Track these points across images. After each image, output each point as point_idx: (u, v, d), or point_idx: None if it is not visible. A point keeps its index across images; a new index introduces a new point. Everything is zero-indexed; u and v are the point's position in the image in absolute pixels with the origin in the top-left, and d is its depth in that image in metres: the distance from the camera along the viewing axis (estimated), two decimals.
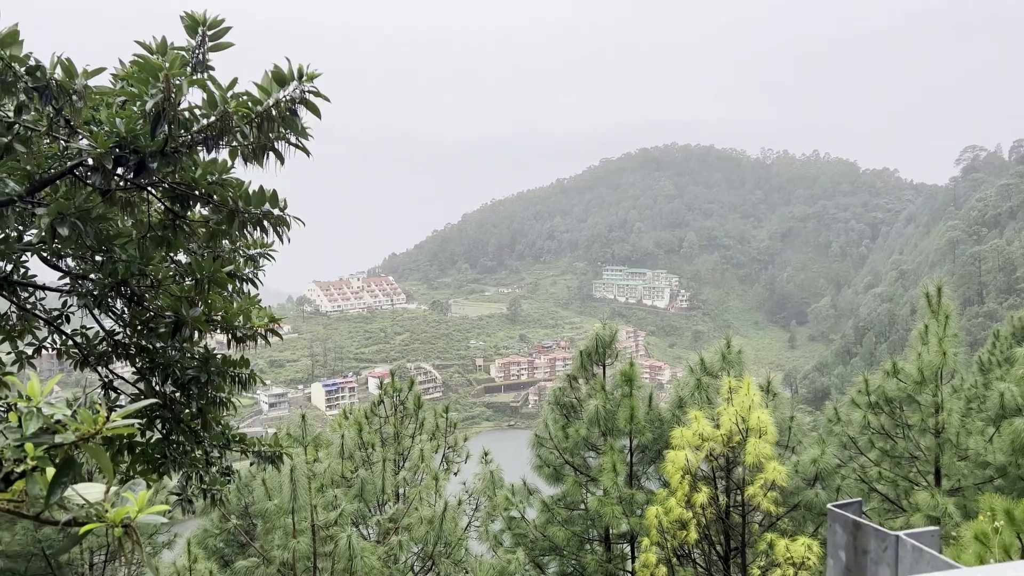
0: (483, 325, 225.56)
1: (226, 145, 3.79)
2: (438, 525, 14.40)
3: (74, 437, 1.54)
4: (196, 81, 3.52)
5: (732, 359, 15.38)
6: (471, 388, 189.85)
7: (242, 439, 6.42)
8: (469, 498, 18.78)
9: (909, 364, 14.24)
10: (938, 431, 13.87)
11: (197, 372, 5.58)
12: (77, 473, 1.57)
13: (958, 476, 13.91)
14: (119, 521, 1.61)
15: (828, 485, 14.03)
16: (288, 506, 12.48)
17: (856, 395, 14.93)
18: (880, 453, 14.78)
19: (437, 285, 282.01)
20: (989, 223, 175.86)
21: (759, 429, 13.07)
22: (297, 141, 3.92)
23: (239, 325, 5.41)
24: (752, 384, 13.47)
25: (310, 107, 3.69)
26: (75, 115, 3.59)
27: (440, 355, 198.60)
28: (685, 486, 13.40)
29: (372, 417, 19.00)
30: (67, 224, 3.74)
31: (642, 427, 14.99)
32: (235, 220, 4.15)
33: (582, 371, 16.27)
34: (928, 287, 14.36)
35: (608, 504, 14.26)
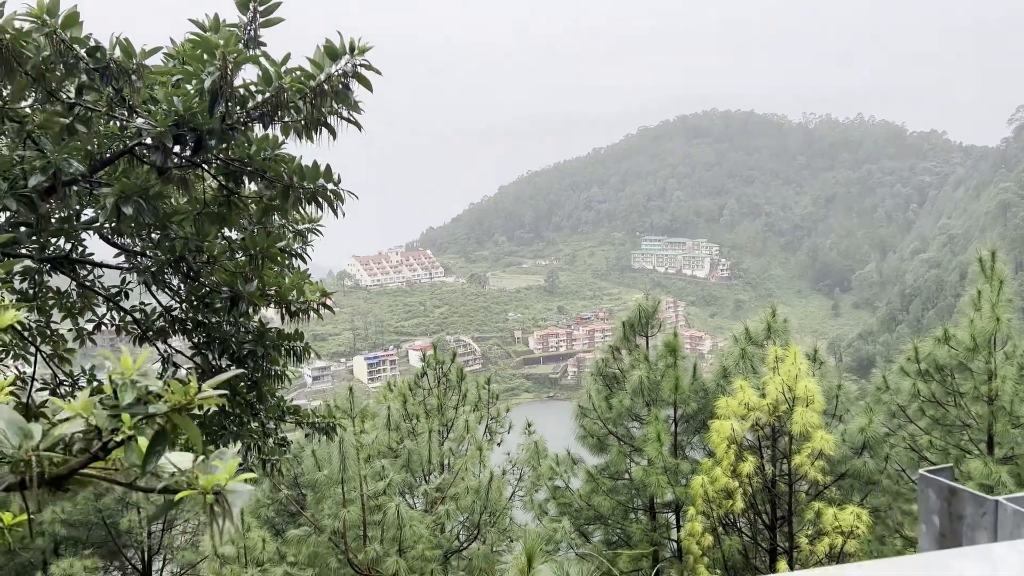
0: (521, 297, 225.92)
1: (280, 121, 3.83)
2: (484, 495, 14.58)
3: (166, 408, 1.60)
4: (250, 57, 3.55)
5: (777, 328, 15.20)
6: (510, 360, 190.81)
7: (296, 411, 6.56)
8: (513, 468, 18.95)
9: (961, 331, 13.92)
10: (991, 398, 13.57)
11: (253, 346, 5.70)
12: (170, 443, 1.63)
13: (1011, 444, 13.62)
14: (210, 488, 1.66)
15: (876, 454, 13.87)
16: (338, 476, 12.75)
17: (905, 363, 14.66)
18: (931, 421, 14.52)
19: (475, 258, 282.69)
20: None
21: (806, 398, 12.95)
22: (349, 115, 3.94)
23: (293, 299, 5.49)
24: (798, 353, 13.32)
25: (362, 81, 3.70)
26: (134, 95, 3.65)
27: (479, 327, 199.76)
28: (731, 455, 13.37)
29: (416, 389, 19.23)
30: (131, 203, 3.83)
31: (687, 397, 14.94)
32: (290, 195, 4.20)
33: (624, 342, 16.24)
34: (981, 251, 13.97)
35: (653, 474, 14.29)
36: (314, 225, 6.38)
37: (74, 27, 3.41)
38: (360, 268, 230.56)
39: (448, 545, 15.34)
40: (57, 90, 3.84)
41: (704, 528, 13.70)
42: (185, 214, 4.90)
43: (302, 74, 3.64)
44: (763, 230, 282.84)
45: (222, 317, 5.63)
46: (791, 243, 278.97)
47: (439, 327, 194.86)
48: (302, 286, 5.49)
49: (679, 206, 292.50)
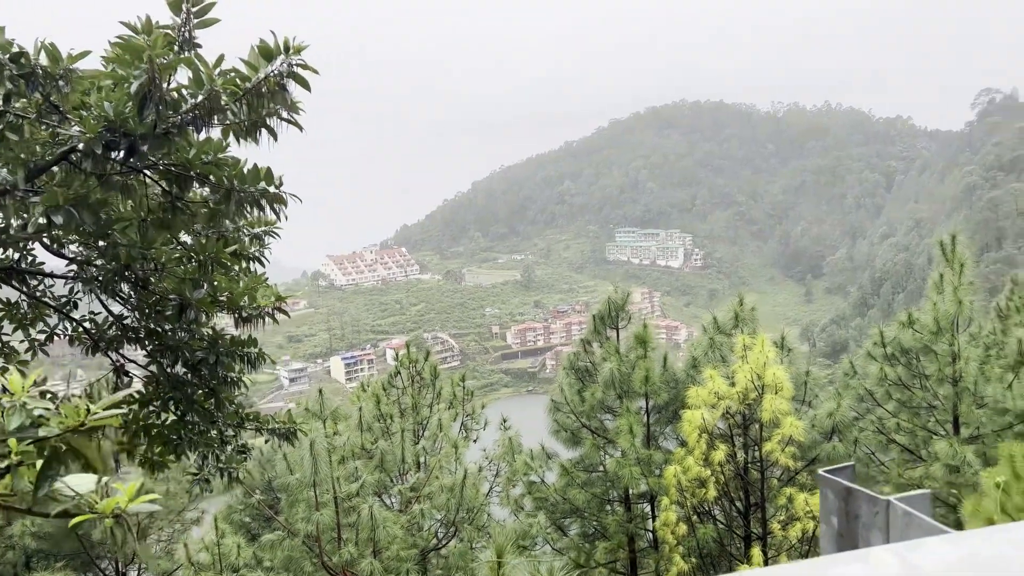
0: (497, 292, 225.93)
1: (217, 124, 3.75)
2: (459, 492, 14.55)
3: (58, 430, 1.54)
4: (180, 60, 3.47)
5: (745, 316, 15.32)
6: (488, 356, 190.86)
7: (256, 417, 6.47)
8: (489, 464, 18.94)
9: (925, 314, 14.13)
10: (955, 380, 13.79)
11: (205, 353, 5.61)
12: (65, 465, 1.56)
13: (976, 424, 13.85)
14: (110, 512, 1.60)
15: (845, 438, 14.03)
16: (309, 479, 12.64)
17: (872, 347, 14.85)
18: (898, 404, 14.73)
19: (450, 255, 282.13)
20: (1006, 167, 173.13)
21: (775, 385, 13.05)
22: (289, 116, 3.86)
23: (245, 305, 5.41)
24: (766, 341, 13.41)
25: (299, 80, 3.63)
26: (63, 100, 3.55)
27: (456, 324, 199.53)
28: (703, 444, 13.44)
29: (390, 388, 19.12)
30: (62, 212, 3.73)
31: (657, 388, 15.00)
32: (231, 199, 4.12)
33: (596, 335, 16.26)
34: (943, 236, 14.18)
35: (626, 465, 14.34)
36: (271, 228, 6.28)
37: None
38: (334, 268, 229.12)
39: (425, 544, 15.29)
40: None
41: (678, 517, 13.77)
42: (129, 221, 4.80)
43: (237, 75, 3.56)
44: (735, 219, 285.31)
45: (173, 325, 5.53)
46: (763, 231, 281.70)
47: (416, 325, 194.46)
48: (255, 291, 5.40)
49: (652, 197, 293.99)
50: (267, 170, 4.12)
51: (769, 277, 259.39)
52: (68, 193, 3.81)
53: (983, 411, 13.89)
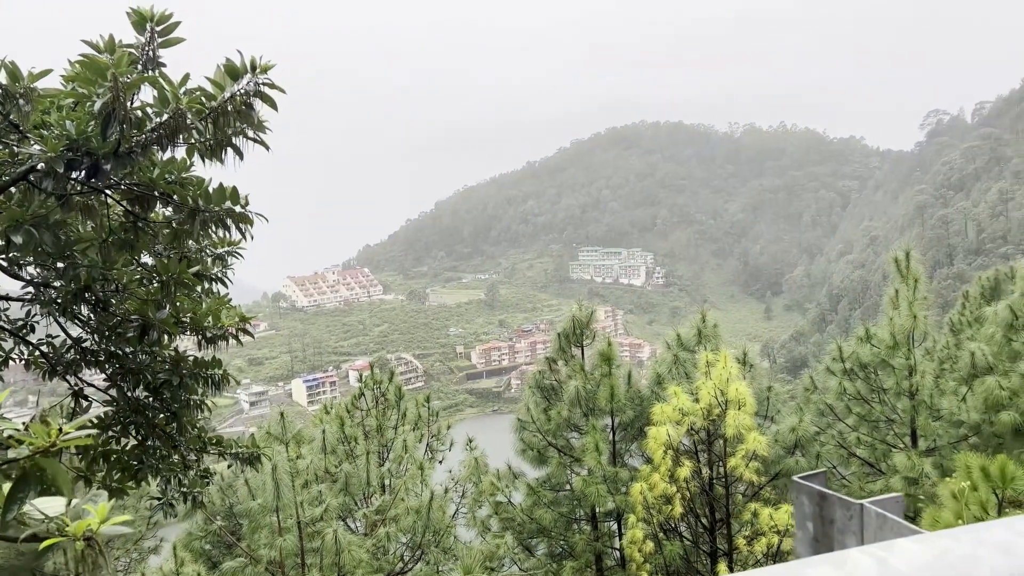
0: (462, 312, 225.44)
1: (182, 143, 3.71)
2: (425, 514, 14.40)
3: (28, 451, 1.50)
4: (145, 78, 3.43)
5: (708, 333, 15.50)
6: (453, 376, 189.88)
7: (219, 441, 6.35)
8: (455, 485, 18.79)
9: (881, 329, 14.45)
10: (912, 393, 14.10)
11: (168, 376, 5.50)
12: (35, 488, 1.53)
13: (934, 436, 14.16)
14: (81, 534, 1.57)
15: (808, 452, 14.23)
16: (272, 504, 12.42)
17: (831, 362, 15.13)
18: (857, 418, 15.00)
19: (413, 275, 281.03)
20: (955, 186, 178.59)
21: (738, 401, 13.21)
22: (255, 135, 3.84)
23: (209, 326, 5.33)
24: (729, 357, 13.59)
25: (266, 100, 3.61)
26: (23, 119, 3.49)
27: (420, 344, 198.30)
28: (668, 461, 13.53)
29: (353, 411, 18.91)
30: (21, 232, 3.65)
31: (623, 405, 15.08)
32: (196, 219, 4.07)
33: (561, 353, 16.30)
34: (897, 252, 14.54)
35: (593, 484, 14.35)
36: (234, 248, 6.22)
37: None
38: (296, 289, 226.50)
39: (391, 568, 15.08)
40: None
41: (645, 534, 13.81)
42: (90, 242, 4.71)
43: (202, 94, 3.53)
44: (695, 237, 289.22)
45: (135, 347, 5.42)
46: (722, 249, 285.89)
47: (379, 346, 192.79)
48: (219, 311, 5.33)
49: (614, 217, 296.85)
50: (232, 189, 4.09)
51: (729, 295, 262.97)
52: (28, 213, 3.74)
53: (939, 423, 14.21)
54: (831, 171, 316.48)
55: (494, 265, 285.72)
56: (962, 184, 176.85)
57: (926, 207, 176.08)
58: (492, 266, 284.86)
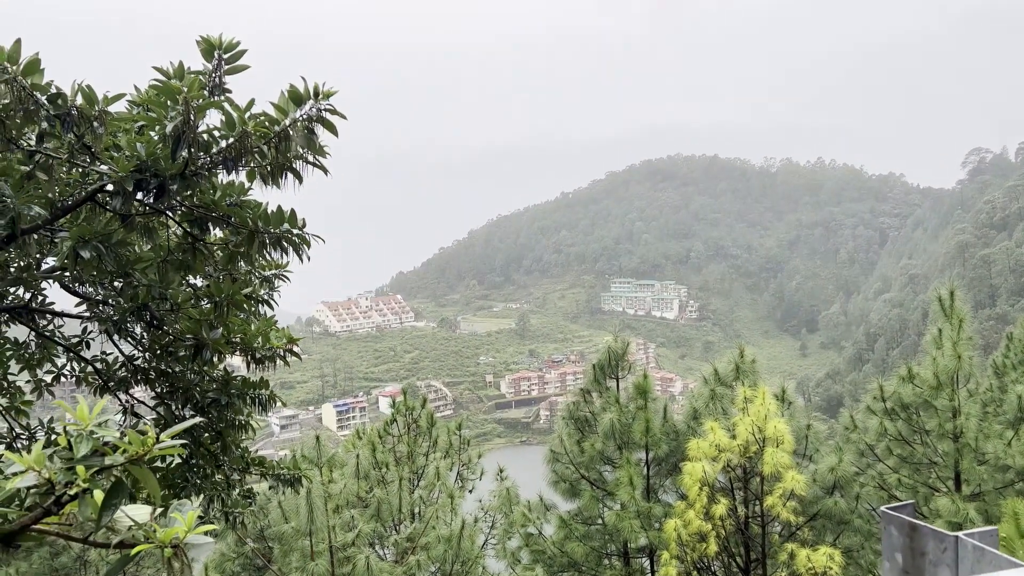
0: (492, 341, 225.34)
1: (245, 166, 3.82)
2: (455, 544, 14.31)
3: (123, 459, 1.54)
4: (213, 103, 3.55)
5: (746, 369, 15.30)
6: (482, 405, 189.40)
7: (261, 462, 6.41)
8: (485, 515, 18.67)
9: (924, 369, 14.14)
10: (956, 436, 13.74)
11: (217, 395, 5.59)
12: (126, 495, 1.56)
13: (978, 481, 13.76)
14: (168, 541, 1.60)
15: (847, 493, 13.91)
16: (305, 528, 12.44)
17: (872, 402, 14.82)
18: (898, 460, 14.65)
19: (445, 302, 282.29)
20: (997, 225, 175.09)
21: (776, 438, 12.98)
22: (315, 160, 3.93)
23: (258, 346, 5.41)
24: (767, 393, 13.39)
25: (327, 125, 3.70)
26: (96, 141, 3.61)
27: (450, 372, 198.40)
28: (703, 498, 13.30)
29: (385, 436, 18.94)
30: (89, 248, 3.76)
31: (658, 439, 14.90)
32: (255, 241, 4.17)
33: (595, 384, 16.21)
34: (940, 291, 14.28)
35: (626, 518, 14.16)
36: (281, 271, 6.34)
37: (35, 74, 3.38)
38: (329, 314, 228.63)
39: None
40: (17, 137, 3.79)
41: (679, 573, 13.54)
42: (149, 261, 4.83)
43: (266, 119, 3.64)
44: (730, 271, 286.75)
45: (186, 366, 5.53)
46: (757, 284, 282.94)
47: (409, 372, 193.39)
48: (268, 333, 5.42)
49: (647, 249, 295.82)
50: (291, 212, 4.18)
51: (764, 330, 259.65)
52: (94, 230, 3.85)
53: (984, 468, 13.81)
54: (869, 208, 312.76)
55: (525, 295, 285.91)
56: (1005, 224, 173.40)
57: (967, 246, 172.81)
58: (523, 295, 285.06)
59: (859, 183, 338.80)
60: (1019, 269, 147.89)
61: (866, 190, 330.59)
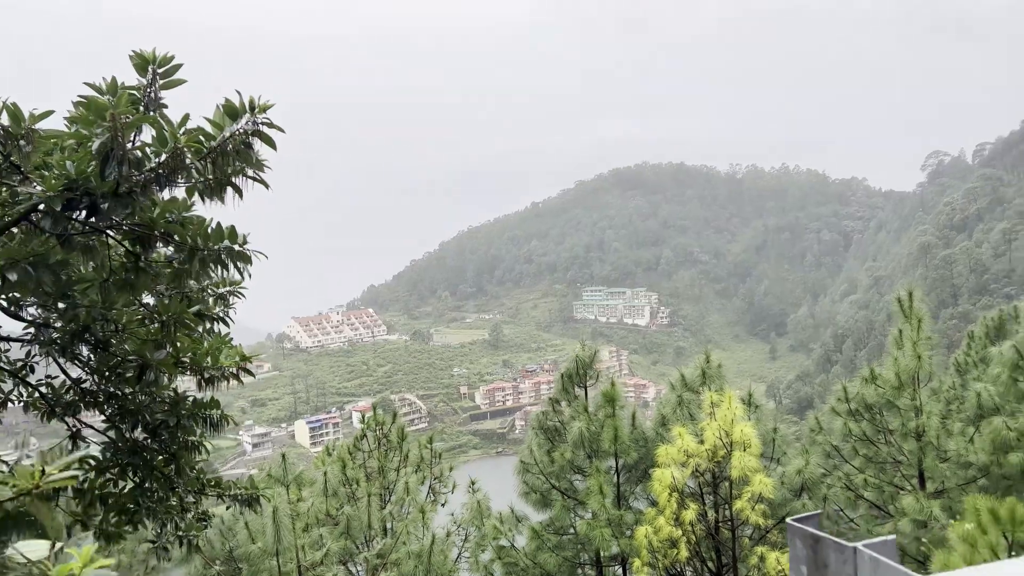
0: (465, 352, 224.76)
1: (182, 183, 3.74)
2: (426, 559, 14.18)
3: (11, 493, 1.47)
4: (144, 118, 3.47)
5: (712, 373, 15.40)
6: (456, 417, 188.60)
7: (218, 483, 6.28)
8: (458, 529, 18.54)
9: (886, 370, 14.34)
10: (919, 434, 13.94)
11: (166, 416, 5.46)
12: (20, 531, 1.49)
13: (941, 478, 13.97)
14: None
15: (815, 495, 14.02)
16: (272, 548, 12.24)
17: (836, 403, 14.99)
18: (864, 460, 14.82)
19: (417, 315, 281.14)
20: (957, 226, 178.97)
21: (743, 442, 13.05)
22: (255, 174, 3.87)
23: (208, 366, 5.30)
24: (733, 397, 13.46)
25: (264, 139, 3.64)
26: (24, 160, 3.52)
27: (424, 385, 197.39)
28: (673, 504, 13.32)
29: (355, 452, 18.74)
30: (17, 269, 3.65)
31: (627, 447, 14.92)
32: (195, 258, 4.08)
33: (564, 394, 16.20)
34: (900, 292, 14.51)
35: (597, 527, 14.13)
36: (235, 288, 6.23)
37: None
38: (300, 329, 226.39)
39: None
40: None
41: None
42: (90, 282, 4.72)
43: (201, 134, 3.56)
44: (699, 277, 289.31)
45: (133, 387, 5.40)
46: (726, 289, 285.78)
47: (383, 386, 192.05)
48: (218, 352, 5.31)
49: (617, 257, 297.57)
50: (231, 228, 4.10)
51: (734, 335, 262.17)
52: (25, 251, 3.74)
53: (947, 465, 14.02)
54: (833, 212, 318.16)
55: (498, 305, 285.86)
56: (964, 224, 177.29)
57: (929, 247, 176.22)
58: (496, 306, 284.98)
59: (823, 187, 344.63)
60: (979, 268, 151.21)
61: (830, 194, 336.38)
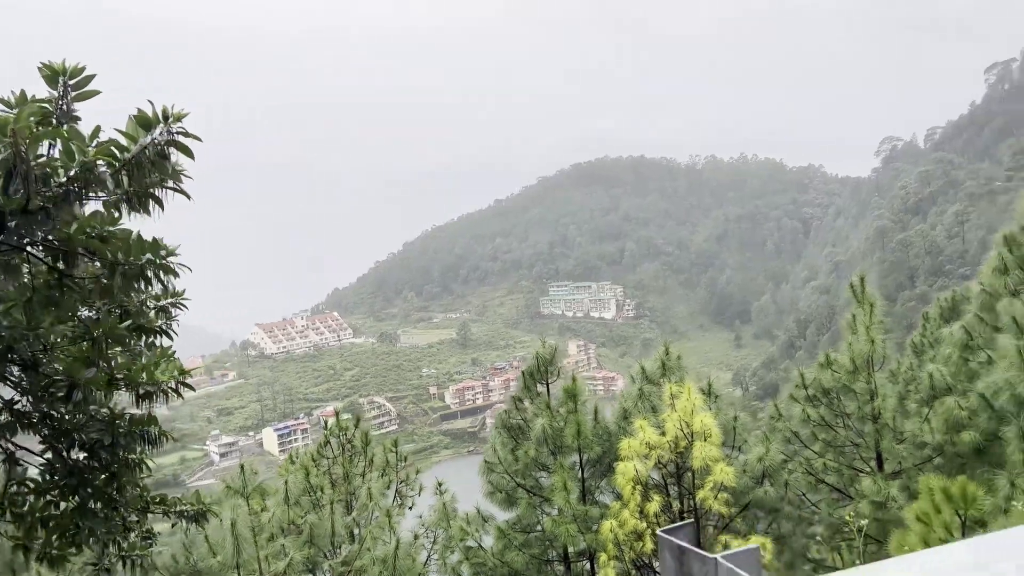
0: (434, 352, 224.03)
1: (98, 197, 3.62)
2: (391, 564, 14.06)
3: None
4: (49, 132, 3.34)
5: (672, 365, 15.50)
6: (427, 417, 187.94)
7: (162, 500, 6.14)
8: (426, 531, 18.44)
9: (841, 355, 14.56)
10: (875, 417, 14.18)
11: (100, 435, 5.31)
12: None
13: (899, 459, 14.23)
14: None
15: (776, 481, 14.20)
16: (232, 561, 12.03)
17: (794, 390, 15.19)
18: (823, 444, 15.03)
19: (383, 316, 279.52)
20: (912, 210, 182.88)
21: (703, 432, 13.15)
22: (176, 185, 3.76)
23: (143, 382, 5.16)
24: (693, 388, 13.56)
25: (182, 148, 3.54)
26: None
27: (392, 387, 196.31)
28: (637, 496, 13.39)
29: (320, 459, 18.54)
30: None
31: (590, 442, 14.95)
32: (116, 273, 3.96)
33: (527, 392, 16.20)
34: (853, 278, 14.74)
35: (563, 523, 14.15)
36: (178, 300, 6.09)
37: None
38: (264, 336, 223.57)
39: None
40: None
41: (618, 573, 13.60)
42: (14, 301, 4.56)
43: (114, 146, 3.45)
44: (663, 269, 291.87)
45: (63, 407, 5.24)
46: (690, 280, 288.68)
47: (351, 390, 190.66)
48: (152, 368, 5.17)
49: (582, 251, 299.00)
50: (153, 241, 3.99)
51: (699, 324, 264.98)
52: None
53: (903, 446, 14.29)
54: (792, 199, 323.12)
55: (464, 304, 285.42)
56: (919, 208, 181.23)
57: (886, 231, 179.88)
58: (463, 305, 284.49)
59: (781, 176, 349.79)
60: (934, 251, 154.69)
61: (788, 182, 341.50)
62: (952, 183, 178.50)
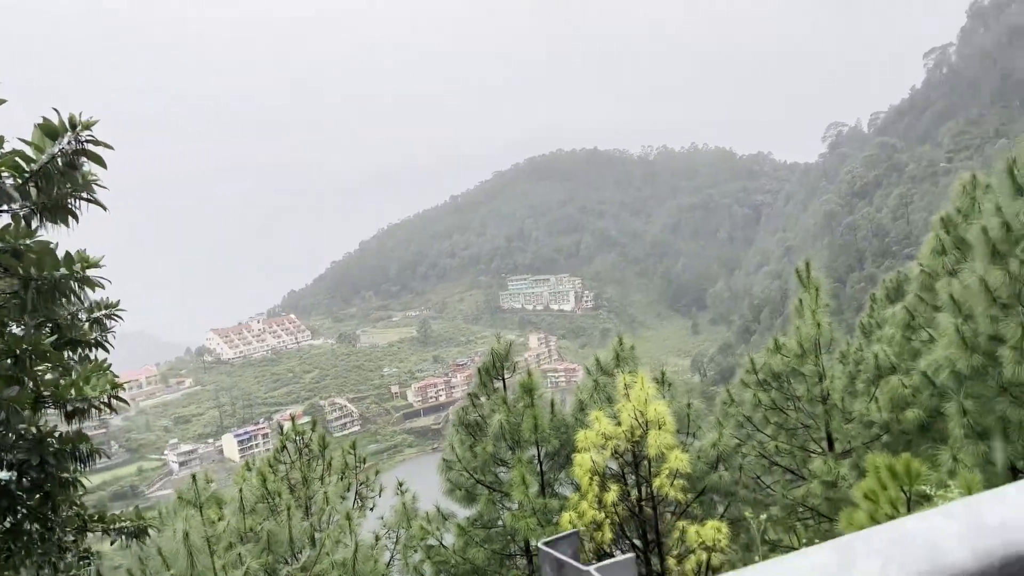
0: (394, 351, 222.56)
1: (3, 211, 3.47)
2: (351, 567, 13.92)
3: None
4: None
5: (626, 355, 15.61)
6: (389, 417, 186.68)
7: (101, 517, 5.97)
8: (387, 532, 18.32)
9: (789, 339, 14.82)
10: (824, 398, 14.47)
11: (28, 455, 5.13)
12: None
13: (848, 438, 14.54)
14: None
15: (730, 465, 14.40)
16: (187, 573, 11.77)
17: (745, 375, 15.42)
18: (775, 427, 15.29)
19: (342, 317, 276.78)
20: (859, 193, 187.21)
21: (658, 421, 13.28)
22: (89, 196, 3.63)
23: (72, 398, 5.00)
24: (646, 378, 13.68)
25: (92, 157, 3.42)
26: None
27: (354, 388, 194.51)
28: (595, 487, 13.47)
29: (276, 465, 18.27)
30: None
31: (547, 435, 14.99)
32: (29, 288, 3.82)
33: (483, 388, 16.17)
34: (799, 264, 15.01)
35: (522, 517, 14.17)
36: (112, 311, 5.93)
37: None
38: (220, 341, 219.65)
39: None
40: None
41: None
42: None
43: (20, 157, 3.31)
44: (619, 260, 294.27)
45: None
46: (646, 269, 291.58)
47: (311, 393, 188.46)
48: (81, 383, 5.01)
49: (539, 245, 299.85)
50: (67, 255, 3.85)
51: (657, 312, 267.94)
52: None
53: (852, 426, 14.60)
54: (742, 187, 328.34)
55: (424, 301, 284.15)
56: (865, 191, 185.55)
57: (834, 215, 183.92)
58: (422, 302, 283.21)
59: (731, 164, 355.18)
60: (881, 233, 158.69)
61: (738, 170, 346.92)
62: (895, 167, 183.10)
